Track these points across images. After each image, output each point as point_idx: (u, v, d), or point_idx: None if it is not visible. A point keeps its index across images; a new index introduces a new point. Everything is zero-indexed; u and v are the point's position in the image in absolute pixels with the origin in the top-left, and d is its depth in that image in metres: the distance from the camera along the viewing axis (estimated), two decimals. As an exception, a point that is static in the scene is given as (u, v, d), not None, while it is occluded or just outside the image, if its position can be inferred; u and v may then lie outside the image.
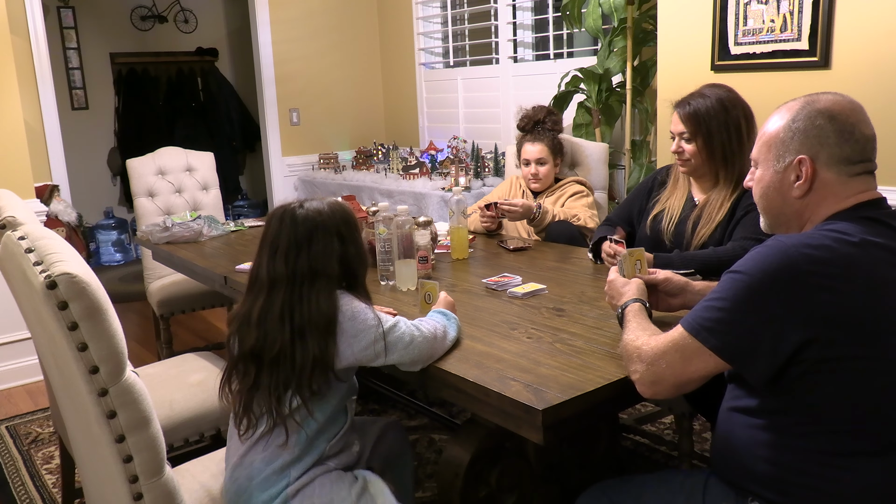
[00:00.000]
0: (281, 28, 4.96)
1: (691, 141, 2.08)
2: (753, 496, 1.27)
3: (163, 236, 2.88)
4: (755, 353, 1.19)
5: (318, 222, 1.45)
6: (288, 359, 1.39)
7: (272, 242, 1.45)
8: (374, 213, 2.45)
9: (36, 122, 4.08)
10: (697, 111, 2.07)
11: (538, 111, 2.93)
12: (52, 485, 2.55)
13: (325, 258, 1.44)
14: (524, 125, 2.93)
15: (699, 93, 2.10)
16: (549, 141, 2.85)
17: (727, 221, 2.06)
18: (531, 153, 2.84)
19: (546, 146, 2.83)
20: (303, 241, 1.43)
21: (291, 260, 1.42)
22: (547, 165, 2.84)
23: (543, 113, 2.92)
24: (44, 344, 1.43)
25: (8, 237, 1.38)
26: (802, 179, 1.28)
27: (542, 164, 2.84)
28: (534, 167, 2.84)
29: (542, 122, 2.89)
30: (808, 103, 1.30)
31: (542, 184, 2.87)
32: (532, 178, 2.85)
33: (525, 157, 2.87)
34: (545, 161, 2.84)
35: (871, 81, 2.44)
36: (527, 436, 1.34)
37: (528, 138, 2.88)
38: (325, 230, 1.45)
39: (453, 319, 1.63)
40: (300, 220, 1.45)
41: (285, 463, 1.44)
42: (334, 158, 4.98)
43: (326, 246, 1.44)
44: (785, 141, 1.30)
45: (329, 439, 1.48)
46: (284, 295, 1.41)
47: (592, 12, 3.49)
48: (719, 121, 2.04)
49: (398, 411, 2.98)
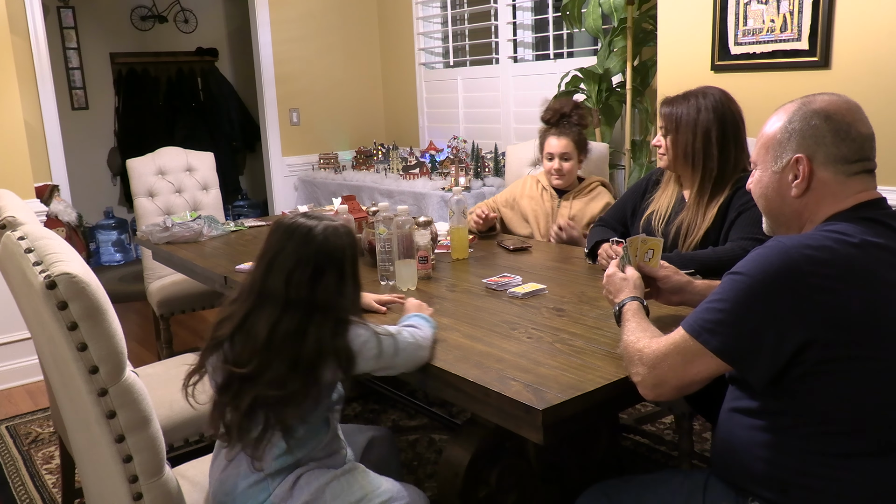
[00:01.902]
0: (281, 28, 4.96)
1: (668, 133, 2.15)
2: (753, 496, 1.27)
3: (163, 236, 2.88)
4: (756, 355, 1.19)
5: (332, 254, 1.42)
6: (282, 384, 1.36)
7: (274, 257, 1.41)
8: (374, 213, 2.45)
9: (36, 122, 4.08)
10: (672, 111, 2.13)
11: (565, 103, 2.78)
12: (52, 485, 2.55)
13: (335, 293, 1.42)
14: (549, 117, 2.77)
15: (686, 92, 2.15)
16: (576, 136, 2.71)
17: (719, 225, 2.06)
18: (556, 147, 2.70)
19: (572, 141, 2.70)
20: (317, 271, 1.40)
21: (305, 285, 1.39)
22: (571, 161, 2.72)
23: (570, 106, 2.76)
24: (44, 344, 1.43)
25: (8, 237, 1.38)
26: (800, 178, 1.28)
27: (567, 159, 2.71)
28: (557, 162, 2.71)
29: (569, 115, 2.74)
30: (803, 104, 1.30)
31: (564, 181, 2.75)
32: (555, 173, 2.72)
33: (549, 150, 2.73)
34: (570, 157, 2.71)
35: (870, 81, 2.44)
36: (527, 436, 1.34)
37: (552, 131, 2.73)
38: (336, 264, 1.43)
39: (431, 322, 1.63)
40: (318, 244, 1.41)
41: (265, 475, 1.43)
42: (334, 158, 4.98)
43: (337, 280, 1.42)
44: (781, 142, 1.30)
45: (311, 450, 1.47)
46: (298, 318, 1.38)
47: (592, 12, 3.49)
48: (688, 120, 2.09)
49: (398, 411, 2.98)
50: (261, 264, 1.43)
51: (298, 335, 1.37)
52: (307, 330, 1.38)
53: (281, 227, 1.44)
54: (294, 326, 1.37)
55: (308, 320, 1.38)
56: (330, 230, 1.44)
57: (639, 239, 1.62)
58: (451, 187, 3.39)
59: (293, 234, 1.42)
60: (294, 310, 1.38)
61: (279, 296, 1.38)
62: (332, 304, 1.41)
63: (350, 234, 1.48)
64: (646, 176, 2.40)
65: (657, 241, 1.62)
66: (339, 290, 1.43)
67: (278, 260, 1.40)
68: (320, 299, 1.40)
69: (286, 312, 1.38)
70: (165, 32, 6.66)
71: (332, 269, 1.42)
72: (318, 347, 1.38)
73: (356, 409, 3.01)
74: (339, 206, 2.25)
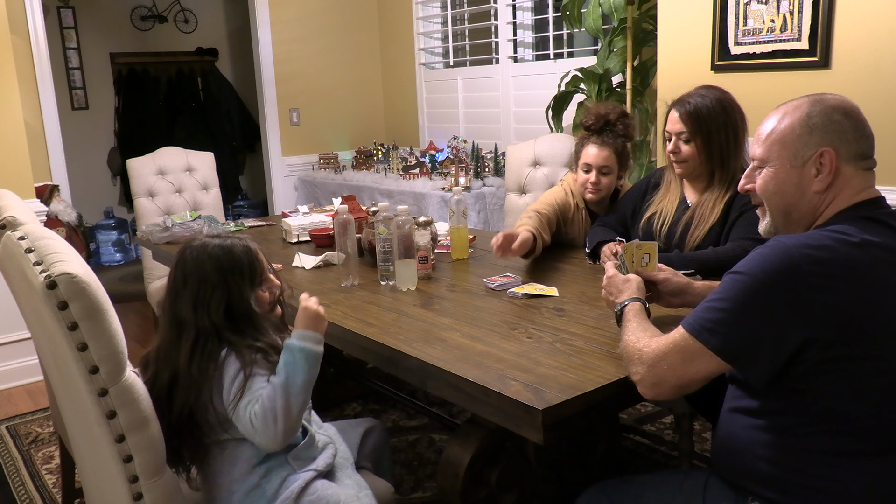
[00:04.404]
0: (281, 28, 4.96)
1: (690, 141, 2.06)
2: (754, 496, 1.27)
3: (163, 236, 2.88)
4: (756, 354, 1.19)
5: (200, 266, 1.44)
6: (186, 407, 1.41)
7: (174, 280, 1.46)
8: (374, 213, 2.45)
9: (36, 122, 4.08)
10: (699, 111, 2.04)
11: (611, 109, 2.42)
12: (52, 485, 2.55)
13: (192, 306, 1.42)
14: (592, 123, 2.43)
15: (696, 93, 2.08)
16: (619, 147, 2.40)
17: (721, 223, 2.06)
18: (595, 158, 2.38)
19: (614, 153, 2.38)
20: (179, 286, 1.45)
21: (169, 304, 1.44)
22: (610, 176, 2.40)
23: (617, 113, 2.41)
24: (44, 344, 1.43)
25: (8, 237, 1.38)
26: (825, 172, 1.27)
27: (606, 173, 2.39)
28: (595, 175, 2.39)
29: (614, 123, 2.40)
30: (818, 101, 1.30)
31: (599, 196, 2.43)
32: (591, 186, 2.40)
33: (586, 160, 2.40)
34: (610, 171, 2.39)
35: (871, 81, 2.44)
36: (527, 436, 1.34)
37: (593, 140, 2.40)
38: (204, 277, 1.44)
39: (300, 353, 1.40)
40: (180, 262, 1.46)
41: (254, 484, 1.44)
42: (334, 158, 4.98)
43: (210, 293, 1.42)
44: (802, 137, 1.29)
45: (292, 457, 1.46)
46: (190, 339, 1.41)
47: (592, 12, 3.49)
48: (719, 122, 2.03)
49: (398, 411, 2.98)
50: (168, 290, 1.48)
51: (173, 351, 1.42)
52: (179, 346, 1.41)
53: (182, 250, 1.50)
54: (167, 344, 1.43)
55: (178, 337, 1.42)
56: (199, 245, 1.47)
57: (633, 245, 1.62)
58: (451, 187, 3.39)
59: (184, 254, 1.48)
60: (168, 328, 1.44)
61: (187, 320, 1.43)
62: (194, 319, 1.42)
63: (223, 246, 1.47)
64: (645, 177, 2.39)
65: (652, 245, 1.62)
66: (201, 304, 1.42)
67: (178, 283, 1.46)
68: (182, 315, 1.42)
69: (167, 332, 1.44)
70: (165, 32, 6.66)
71: (193, 281, 1.43)
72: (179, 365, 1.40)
73: (356, 409, 3.01)
74: (339, 206, 2.25)
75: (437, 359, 1.53)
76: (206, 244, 1.47)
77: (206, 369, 1.39)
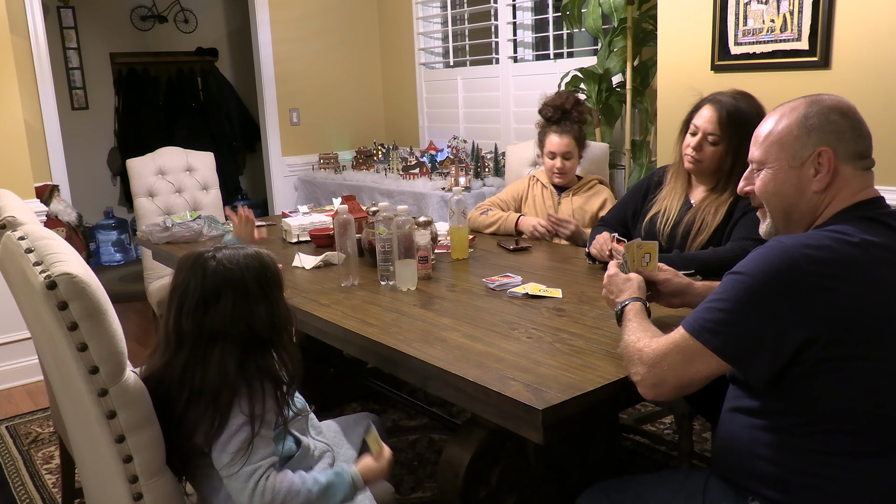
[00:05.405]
0: (281, 28, 4.96)
1: (717, 144, 2.03)
2: (754, 496, 1.27)
3: (163, 236, 2.88)
4: (756, 354, 1.19)
5: (227, 277, 1.33)
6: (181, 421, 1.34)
7: (181, 294, 1.35)
8: (374, 213, 2.45)
9: (36, 122, 4.08)
10: (738, 119, 1.98)
11: (566, 99, 2.74)
12: (52, 485, 2.55)
13: (231, 319, 1.32)
14: (550, 115, 2.74)
15: (733, 95, 2.03)
16: (577, 133, 2.70)
17: (725, 224, 2.05)
18: (558, 146, 2.70)
19: (573, 139, 2.69)
20: (210, 298, 1.32)
21: (198, 317, 1.32)
22: (572, 160, 2.72)
23: (571, 102, 2.72)
24: (44, 344, 1.43)
25: (8, 237, 1.38)
26: (824, 172, 1.28)
27: (568, 157, 2.71)
28: (559, 161, 2.71)
29: (570, 112, 2.72)
30: (815, 101, 1.30)
31: (565, 179, 2.76)
32: (557, 171, 2.72)
33: (550, 149, 2.72)
34: (571, 155, 2.71)
35: (871, 81, 2.44)
36: (527, 436, 1.34)
37: (554, 129, 2.72)
38: (234, 287, 1.33)
39: (349, 489, 1.42)
40: (209, 273, 1.33)
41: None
42: (334, 158, 4.98)
43: (235, 306, 1.32)
44: (800, 137, 1.29)
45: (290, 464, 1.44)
46: (188, 355, 1.33)
47: (592, 12, 3.49)
48: (750, 133, 2.03)
49: (398, 411, 2.98)
50: (169, 305, 1.37)
51: (196, 367, 1.32)
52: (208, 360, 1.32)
53: (183, 264, 1.38)
54: (198, 359, 1.33)
55: (211, 350, 1.32)
56: (228, 254, 1.36)
57: (634, 244, 1.62)
58: (451, 187, 3.39)
59: (194, 268, 1.35)
60: (198, 345, 1.33)
61: (189, 335, 1.34)
62: (231, 331, 1.33)
63: (255, 256, 1.38)
64: (647, 177, 2.39)
65: (653, 245, 1.62)
66: (241, 314, 1.33)
67: (184, 298, 1.35)
68: (219, 327, 1.32)
69: (193, 349, 1.33)
70: (165, 32, 6.66)
71: (227, 292, 1.33)
72: (223, 377, 1.32)
73: (356, 409, 3.01)
74: (339, 206, 2.25)
75: (437, 359, 1.53)
76: (232, 255, 1.36)
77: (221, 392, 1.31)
